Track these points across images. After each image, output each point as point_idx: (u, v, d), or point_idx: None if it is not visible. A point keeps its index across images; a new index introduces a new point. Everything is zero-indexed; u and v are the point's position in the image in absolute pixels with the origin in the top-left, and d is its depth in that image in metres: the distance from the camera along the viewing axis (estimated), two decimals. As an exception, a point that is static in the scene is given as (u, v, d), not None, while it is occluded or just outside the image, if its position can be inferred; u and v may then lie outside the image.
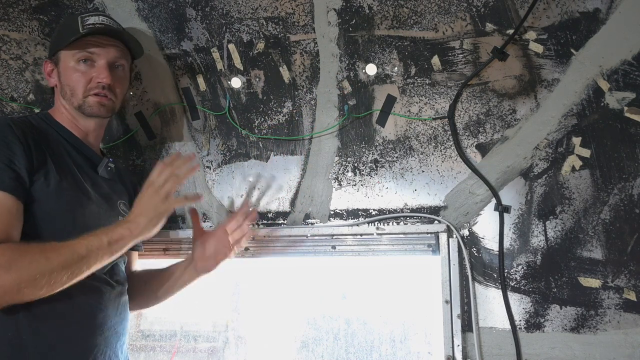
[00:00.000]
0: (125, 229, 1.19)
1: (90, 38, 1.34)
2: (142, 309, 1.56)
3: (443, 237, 1.50)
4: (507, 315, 1.43)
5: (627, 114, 1.39)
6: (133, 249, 1.47)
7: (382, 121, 1.57)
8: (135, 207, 1.24)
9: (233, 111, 1.67)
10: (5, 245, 1.06)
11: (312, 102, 1.61)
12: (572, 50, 1.42)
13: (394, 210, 1.56)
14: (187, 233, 1.67)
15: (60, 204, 1.20)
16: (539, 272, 1.44)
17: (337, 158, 1.61)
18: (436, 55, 1.51)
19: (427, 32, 1.50)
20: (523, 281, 1.44)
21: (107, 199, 1.36)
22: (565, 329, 1.40)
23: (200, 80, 1.67)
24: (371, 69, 1.55)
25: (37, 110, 1.73)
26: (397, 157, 1.56)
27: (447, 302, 1.46)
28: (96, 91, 1.34)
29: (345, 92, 1.58)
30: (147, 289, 1.49)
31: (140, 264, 1.59)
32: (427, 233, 1.52)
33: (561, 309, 1.41)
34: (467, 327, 1.46)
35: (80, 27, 1.34)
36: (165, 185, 1.26)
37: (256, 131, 1.66)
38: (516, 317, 1.43)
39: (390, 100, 1.55)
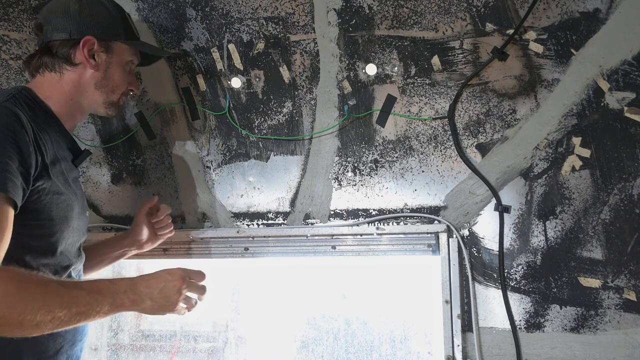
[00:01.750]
0: (130, 301, 1.10)
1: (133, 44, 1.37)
2: None
3: (443, 237, 1.50)
4: (507, 315, 1.43)
5: (627, 114, 1.39)
6: None
7: (382, 121, 1.57)
8: (149, 282, 1.15)
9: (233, 111, 1.67)
10: (7, 271, 0.97)
11: (312, 102, 1.61)
12: (572, 50, 1.42)
13: (394, 210, 1.56)
14: (186, 233, 1.67)
15: (56, 208, 1.15)
16: (539, 272, 1.44)
17: (337, 158, 1.61)
18: (436, 55, 1.51)
19: (427, 32, 1.50)
20: (523, 281, 1.44)
21: (81, 196, 1.30)
22: (565, 329, 1.40)
23: (200, 80, 1.67)
24: (371, 69, 1.55)
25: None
26: (397, 157, 1.56)
27: (447, 302, 1.46)
28: (123, 97, 1.37)
29: (345, 92, 1.58)
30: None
31: (140, 263, 1.59)
32: (427, 233, 1.52)
33: (561, 309, 1.41)
34: (467, 327, 1.46)
35: (134, 29, 1.37)
36: (192, 290, 1.20)
37: (256, 131, 1.66)
38: (516, 317, 1.43)
39: (390, 100, 1.56)
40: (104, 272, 1.58)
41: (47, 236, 1.14)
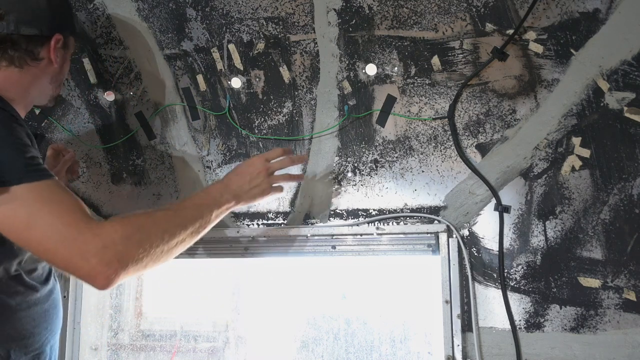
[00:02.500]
0: (229, 200, 1.23)
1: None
2: None
3: (443, 237, 1.50)
4: (507, 315, 1.43)
5: (626, 114, 1.39)
6: None
7: (382, 121, 1.57)
8: (237, 178, 1.28)
9: (233, 111, 1.67)
10: (116, 219, 1.03)
11: (312, 102, 1.61)
12: (572, 51, 1.42)
13: (394, 210, 1.56)
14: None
15: None
16: (538, 272, 1.44)
17: (337, 158, 1.61)
18: (436, 55, 1.51)
19: (427, 32, 1.50)
20: (523, 281, 1.44)
21: None
22: (565, 329, 1.40)
23: (200, 80, 1.67)
24: (371, 69, 1.55)
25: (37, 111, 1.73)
26: (397, 157, 1.56)
27: (447, 302, 1.46)
28: None
29: (345, 92, 1.58)
30: None
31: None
32: (427, 233, 1.52)
33: (561, 309, 1.41)
34: (467, 327, 1.46)
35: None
36: (277, 167, 1.33)
37: (256, 131, 1.66)
38: (516, 317, 1.43)
39: (390, 100, 1.56)
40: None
41: None
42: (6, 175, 0.97)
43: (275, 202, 1.65)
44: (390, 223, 1.56)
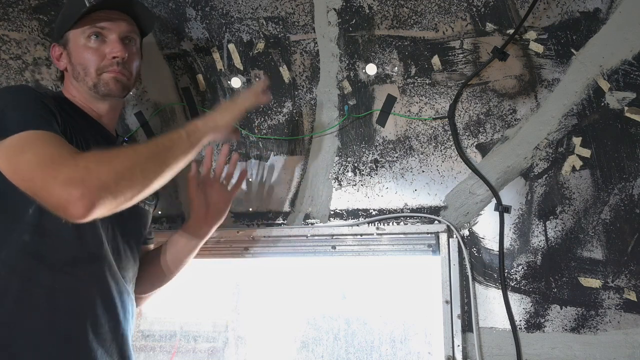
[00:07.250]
0: (198, 121, 1.24)
1: (99, 13, 1.28)
2: (155, 289, 1.51)
3: (443, 237, 1.50)
4: (507, 316, 1.42)
5: (627, 114, 1.39)
6: (145, 242, 1.45)
7: (382, 121, 1.57)
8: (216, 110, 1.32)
9: (233, 111, 1.66)
10: (91, 152, 1.03)
11: (312, 102, 1.61)
12: (573, 50, 1.42)
13: (394, 210, 1.56)
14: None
15: None
16: (539, 272, 1.43)
17: (337, 158, 1.60)
18: (436, 55, 1.50)
19: (427, 32, 1.50)
20: (523, 281, 1.44)
21: None
22: (566, 329, 1.40)
23: (200, 80, 1.67)
24: (371, 69, 1.55)
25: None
26: (397, 157, 1.56)
27: (447, 302, 1.46)
28: (111, 68, 1.29)
29: (345, 92, 1.58)
30: (155, 268, 1.46)
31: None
32: (427, 233, 1.51)
33: (561, 309, 1.41)
34: (467, 327, 1.45)
35: (87, 2, 1.28)
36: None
37: (256, 131, 1.66)
38: (516, 317, 1.43)
39: (390, 100, 1.55)
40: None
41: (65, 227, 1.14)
42: (14, 126, 1.03)
43: (275, 202, 1.65)
44: (391, 223, 1.56)
